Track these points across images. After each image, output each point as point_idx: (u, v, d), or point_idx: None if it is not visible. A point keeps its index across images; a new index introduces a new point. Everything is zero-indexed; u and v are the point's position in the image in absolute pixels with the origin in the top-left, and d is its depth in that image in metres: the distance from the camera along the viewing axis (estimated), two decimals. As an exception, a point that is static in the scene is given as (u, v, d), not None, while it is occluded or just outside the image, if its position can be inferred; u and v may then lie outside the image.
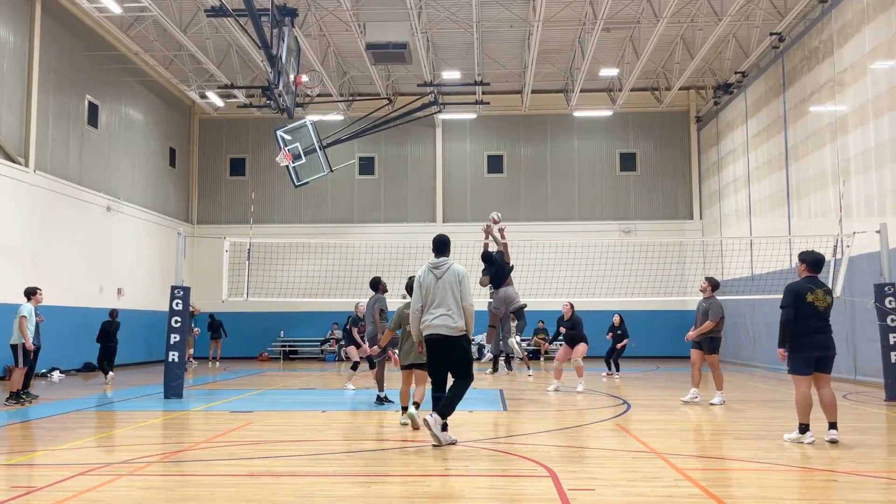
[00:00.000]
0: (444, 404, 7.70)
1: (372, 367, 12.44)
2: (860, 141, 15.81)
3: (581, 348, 14.16)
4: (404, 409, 9.20)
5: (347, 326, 14.63)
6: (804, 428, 7.84)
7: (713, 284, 11.95)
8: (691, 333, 11.83)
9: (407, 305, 9.51)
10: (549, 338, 26.31)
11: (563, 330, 14.59)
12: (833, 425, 7.83)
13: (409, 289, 9.67)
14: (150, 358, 23.67)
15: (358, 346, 14.18)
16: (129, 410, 11.68)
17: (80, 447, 8.09)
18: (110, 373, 16.56)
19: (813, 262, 8.09)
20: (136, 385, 16.23)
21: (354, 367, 14.81)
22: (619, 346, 18.43)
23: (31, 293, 12.68)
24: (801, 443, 7.78)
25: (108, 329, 16.72)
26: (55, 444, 8.33)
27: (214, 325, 23.82)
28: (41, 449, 8.12)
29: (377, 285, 12.16)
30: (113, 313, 16.99)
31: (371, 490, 5.90)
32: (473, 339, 26.57)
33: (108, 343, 16.69)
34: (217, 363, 23.56)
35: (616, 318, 18.70)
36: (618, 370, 18.21)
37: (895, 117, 14.50)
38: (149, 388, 15.34)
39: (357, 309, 14.48)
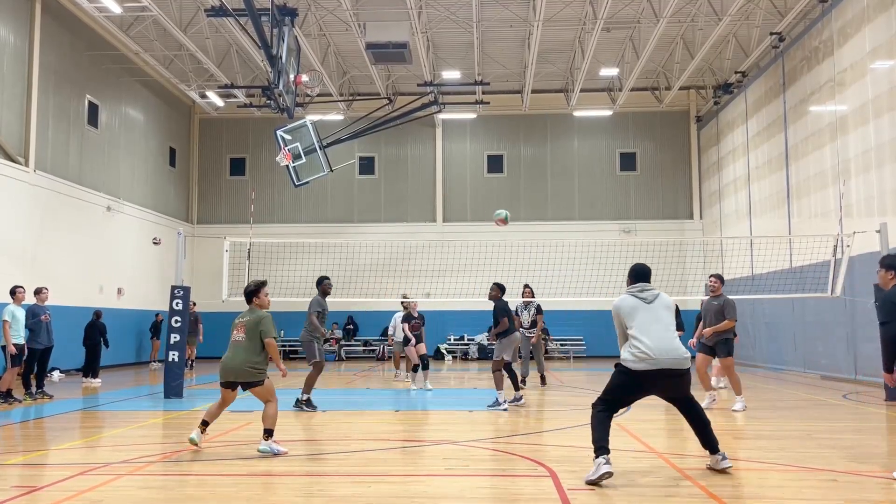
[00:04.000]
0: (711, 435, 6.40)
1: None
2: (860, 141, 15.80)
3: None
4: (204, 423, 7.74)
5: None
6: None
7: (723, 280, 11.14)
8: (708, 331, 10.84)
9: (241, 314, 7.86)
10: (549, 337, 26.35)
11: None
12: None
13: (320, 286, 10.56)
14: (149, 358, 23.64)
15: (406, 343, 14.76)
16: (129, 410, 11.68)
17: (81, 447, 8.10)
18: (98, 379, 16.39)
19: None
20: (136, 385, 16.23)
21: (416, 368, 14.78)
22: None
23: (11, 293, 12.51)
24: None
25: (95, 330, 16.63)
26: (55, 443, 8.34)
27: (157, 325, 22.56)
28: (41, 448, 8.11)
29: (320, 284, 11.64)
30: (97, 314, 16.96)
31: (371, 490, 5.90)
32: (473, 339, 26.61)
33: (94, 343, 16.58)
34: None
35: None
36: None
37: (895, 117, 14.50)
38: (149, 387, 15.35)
39: (411, 307, 15.15)
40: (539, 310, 14.88)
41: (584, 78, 23.58)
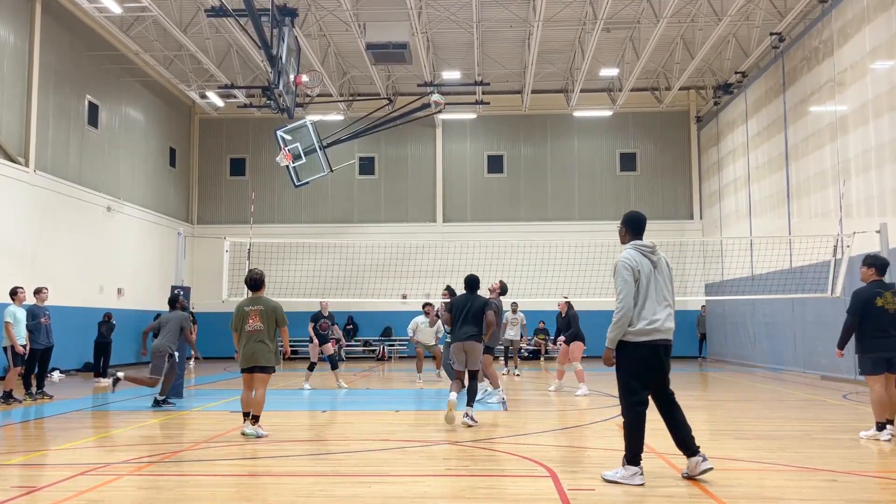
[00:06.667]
0: (690, 438, 6.09)
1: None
2: (860, 141, 15.80)
3: (576, 348, 13.94)
4: (246, 415, 8.58)
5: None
6: (881, 426, 8.03)
7: (570, 304, 13.65)
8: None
9: (246, 302, 8.77)
10: (550, 338, 26.33)
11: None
12: (891, 422, 8.03)
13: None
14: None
15: (322, 343, 15.50)
16: (129, 410, 11.67)
17: (81, 447, 8.09)
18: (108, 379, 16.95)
19: (881, 265, 8.40)
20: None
21: (311, 367, 15.55)
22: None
23: (11, 294, 12.59)
24: (878, 440, 7.95)
25: (108, 328, 18.25)
26: (55, 443, 8.34)
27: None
28: (41, 449, 8.11)
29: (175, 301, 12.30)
30: (107, 316, 18.47)
31: (371, 490, 5.90)
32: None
33: (106, 342, 18.20)
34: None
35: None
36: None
37: (895, 117, 14.50)
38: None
39: (322, 306, 15.76)
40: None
41: (584, 78, 23.57)
